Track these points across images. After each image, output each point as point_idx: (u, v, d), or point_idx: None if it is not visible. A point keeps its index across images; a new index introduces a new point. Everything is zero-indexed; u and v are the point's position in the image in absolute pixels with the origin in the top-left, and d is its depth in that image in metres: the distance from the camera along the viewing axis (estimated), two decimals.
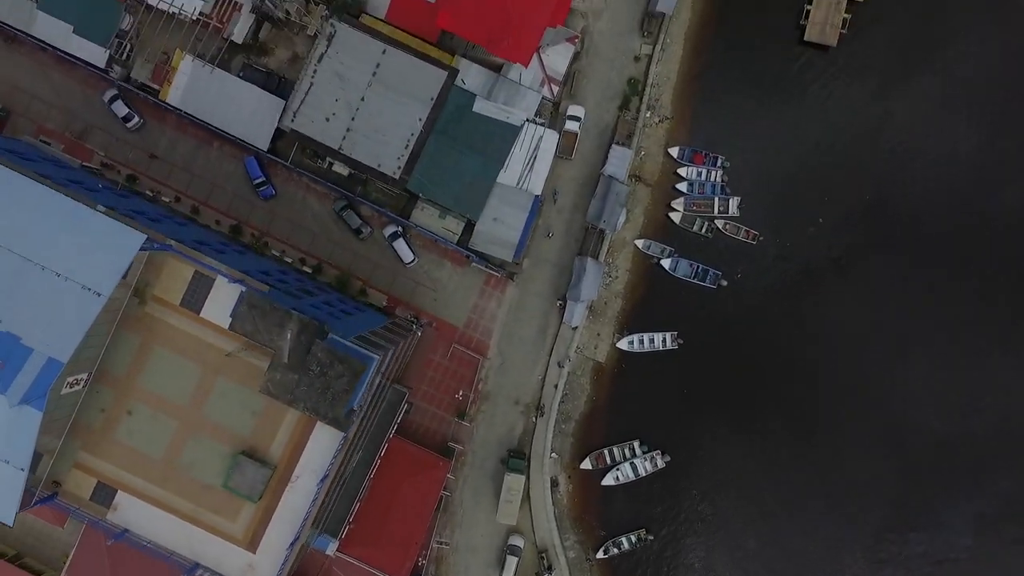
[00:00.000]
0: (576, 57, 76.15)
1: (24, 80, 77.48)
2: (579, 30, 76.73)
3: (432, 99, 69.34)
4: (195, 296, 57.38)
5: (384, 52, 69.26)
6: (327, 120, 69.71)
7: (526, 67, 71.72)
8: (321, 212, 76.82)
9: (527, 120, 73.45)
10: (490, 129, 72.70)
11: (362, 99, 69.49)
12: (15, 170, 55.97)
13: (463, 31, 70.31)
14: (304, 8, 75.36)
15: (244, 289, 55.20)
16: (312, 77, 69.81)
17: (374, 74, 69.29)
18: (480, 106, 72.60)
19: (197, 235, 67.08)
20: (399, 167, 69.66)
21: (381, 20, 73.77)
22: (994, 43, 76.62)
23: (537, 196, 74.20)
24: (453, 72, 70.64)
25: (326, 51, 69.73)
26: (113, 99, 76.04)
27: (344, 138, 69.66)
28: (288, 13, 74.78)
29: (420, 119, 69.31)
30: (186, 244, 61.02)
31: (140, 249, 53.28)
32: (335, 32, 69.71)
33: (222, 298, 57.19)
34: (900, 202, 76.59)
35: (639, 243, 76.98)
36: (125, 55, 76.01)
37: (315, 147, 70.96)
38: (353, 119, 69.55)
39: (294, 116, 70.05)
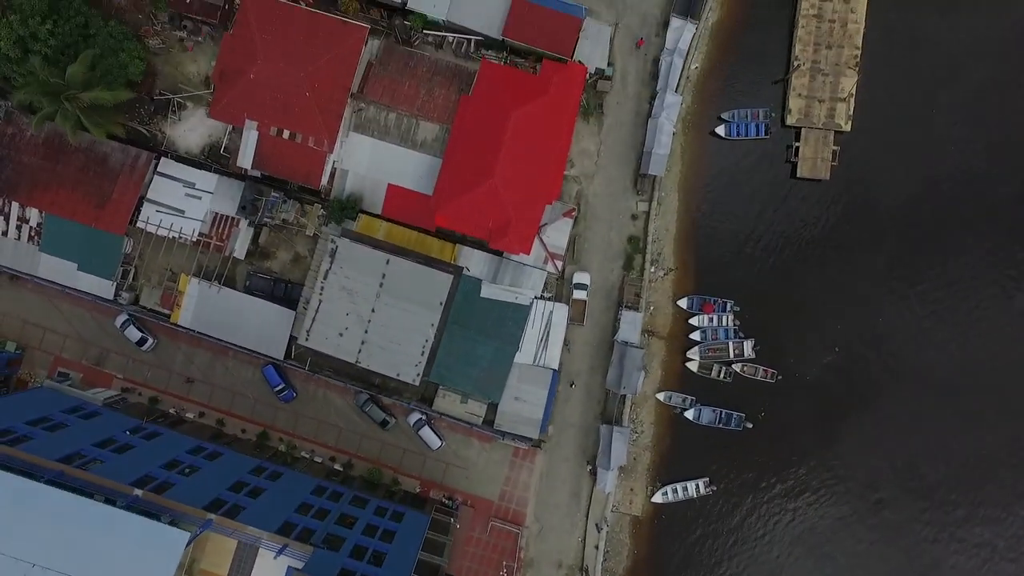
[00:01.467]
0: (575, 222, 76.66)
1: (35, 314, 78.33)
2: (574, 194, 77.32)
3: (441, 303, 69.93)
4: (242, 566, 58.20)
5: (388, 262, 69.79)
6: (340, 335, 70.35)
7: (528, 255, 72.29)
8: (344, 407, 77.61)
9: (535, 297, 74.06)
10: (500, 312, 73.37)
11: (372, 311, 70.09)
12: (45, 467, 57.00)
13: (462, 229, 70.87)
14: (300, 211, 76.10)
15: (290, 565, 56.08)
16: (320, 294, 70.38)
17: (381, 285, 69.86)
18: (487, 291, 73.28)
19: (234, 469, 67.89)
20: (418, 374, 70.33)
21: (379, 216, 74.42)
22: (986, 154, 77.24)
23: (555, 371, 74.87)
24: (458, 271, 71.26)
25: (330, 267, 70.25)
26: (125, 324, 76.82)
27: (360, 351, 70.28)
28: (285, 221, 75.46)
29: (432, 324, 69.94)
30: (225, 497, 62.06)
31: (186, 545, 54.13)
32: (336, 247, 70.22)
33: (268, 565, 58.01)
34: (912, 322, 77.19)
35: (660, 396, 77.70)
36: (131, 278, 76.76)
37: (332, 362, 71.62)
38: (366, 331, 70.17)
39: (308, 335, 70.64)
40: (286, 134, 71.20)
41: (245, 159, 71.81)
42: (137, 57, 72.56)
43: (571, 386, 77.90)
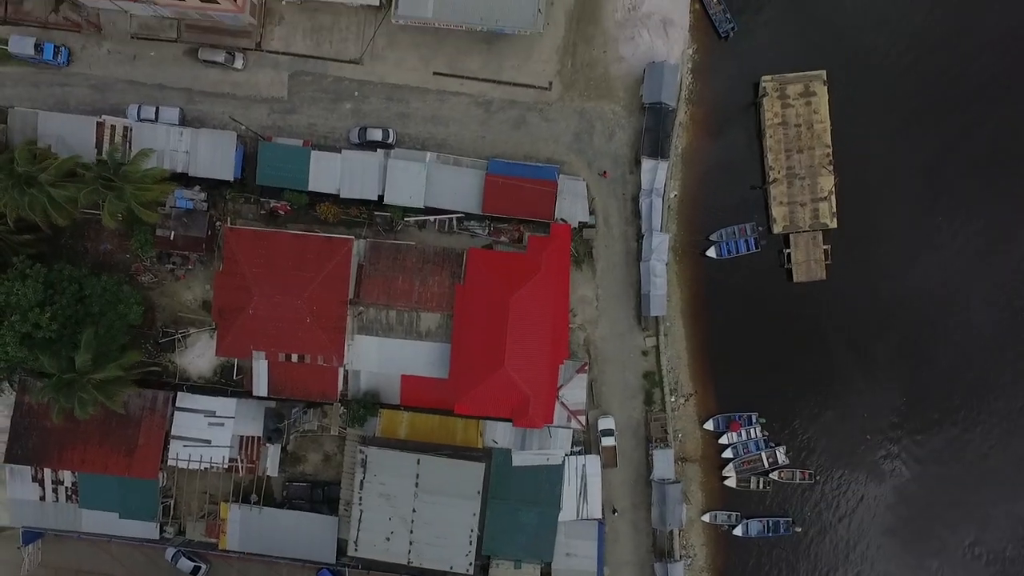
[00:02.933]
0: (589, 368, 77.65)
1: (87, 562, 79.59)
2: (581, 342, 78.31)
3: (479, 492, 71.17)
4: None
5: (419, 462, 71.00)
6: (387, 539, 71.67)
7: (552, 423, 73.43)
8: None
9: (566, 455, 75.17)
10: (535, 477, 74.47)
11: (414, 511, 71.37)
12: None
13: (483, 414, 71.99)
14: (322, 413, 77.27)
15: None
16: (360, 504, 71.64)
17: (417, 485, 71.10)
18: (519, 459, 74.41)
19: None
20: (470, 563, 71.61)
21: (399, 407, 75.48)
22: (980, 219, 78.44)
23: (600, 521, 76.05)
24: (488, 455, 72.53)
25: (364, 476, 71.50)
26: (176, 557, 78.10)
27: (410, 552, 71.60)
28: (309, 430, 76.68)
29: (474, 514, 71.23)
30: None
31: None
32: (366, 457, 71.42)
33: None
34: (933, 398, 78.41)
35: (705, 518, 78.93)
36: (172, 511, 78.00)
37: (383, 568, 72.97)
38: (412, 531, 71.52)
39: (356, 545, 71.96)
40: (295, 357, 72.26)
41: (259, 388, 72.98)
42: (135, 303, 73.45)
43: (614, 513, 78.99)
